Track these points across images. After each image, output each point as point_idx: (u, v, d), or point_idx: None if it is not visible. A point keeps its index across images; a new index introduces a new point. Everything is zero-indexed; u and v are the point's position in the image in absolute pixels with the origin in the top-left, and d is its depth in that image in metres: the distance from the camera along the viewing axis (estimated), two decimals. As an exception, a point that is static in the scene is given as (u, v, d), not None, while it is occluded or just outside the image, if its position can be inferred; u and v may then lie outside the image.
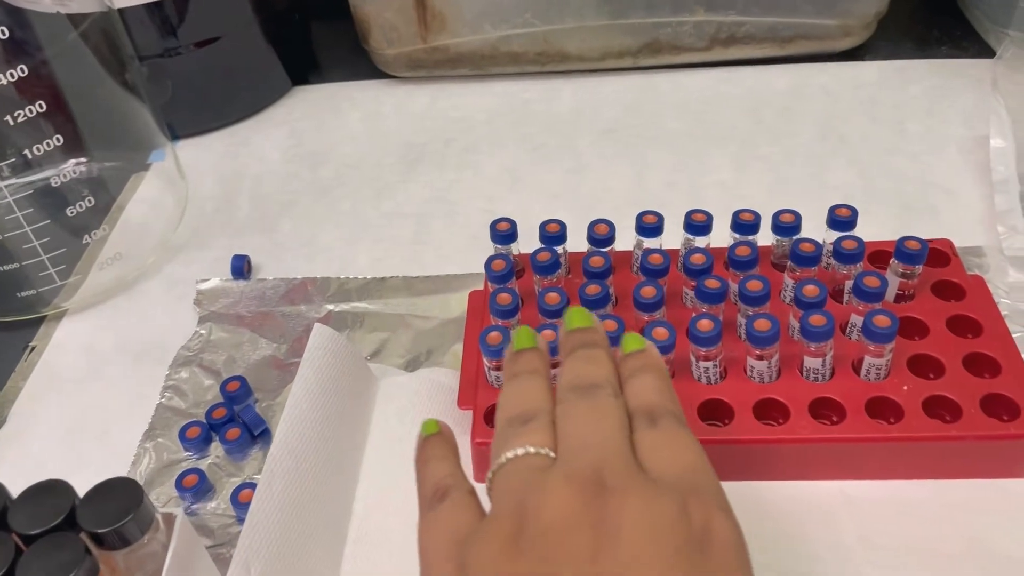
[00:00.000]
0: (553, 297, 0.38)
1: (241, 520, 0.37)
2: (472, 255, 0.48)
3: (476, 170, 0.55)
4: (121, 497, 0.28)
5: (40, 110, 0.41)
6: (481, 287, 0.44)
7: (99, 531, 0.28)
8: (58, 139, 0.42)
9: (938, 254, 0.42)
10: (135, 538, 0.28)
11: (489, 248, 0.43)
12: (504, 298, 0.39)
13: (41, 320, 0.48)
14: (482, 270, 0.42)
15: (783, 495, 0.36)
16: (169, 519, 0.30)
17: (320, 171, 0.56)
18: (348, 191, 0.55)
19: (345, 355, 0.40)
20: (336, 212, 0.53)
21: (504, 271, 0.40)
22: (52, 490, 0.29)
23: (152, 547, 0.29)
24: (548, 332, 0.37)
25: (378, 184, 0.55)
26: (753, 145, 0.54)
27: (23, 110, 0.40)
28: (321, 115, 0.61)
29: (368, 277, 0.48)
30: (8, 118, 0.40)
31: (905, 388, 0.36)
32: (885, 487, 0.36)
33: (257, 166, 0.57)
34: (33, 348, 0.46)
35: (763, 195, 0.50)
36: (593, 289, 0.39)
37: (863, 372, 0.37)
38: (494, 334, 0.37)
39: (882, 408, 0.36)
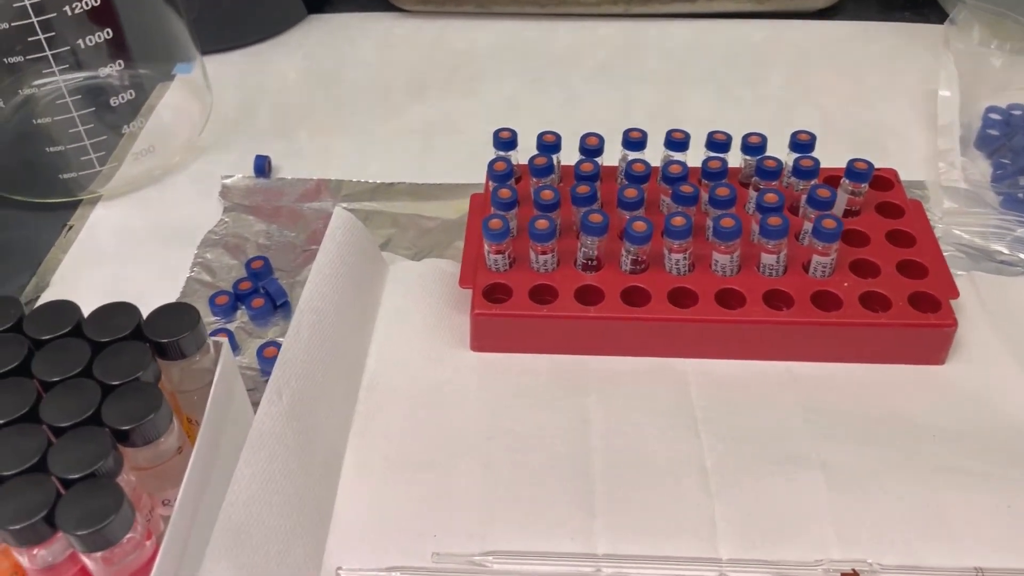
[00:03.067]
0: (547, 194, 0.44)
1: (265, 373, 0.43)
2: (473, 169, 0.53)
3: (479, 97, 0.60)
4: (180, 317, 0.33)
5: (95, 3, 0.45)
6: (481, 192, 0.50)
7: (162, 341, 0.33)
8: (108, 32, 0.46)
9: (883, 180, 0.48)
10: (191, 353, 0.33)
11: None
12: (505, 192, 0.44)
13: (77, 203, 0.52)
14: (481, 181, 0.48)
15: (739, 370, 0.42)
16: (217, 345, 0.35)
17: (333, 91, 0.61)
18: (360, 109, 0.59)
19: (361, 236, 0.45)
20: (348, 126, 0.58)
21: (505, 171, 0.46)
22: (121, 309, 0.34)
23: (204, 364, 0.34)
24: (542, 221, 0.42)
25: (387, 104, 0.60)
26: (728, 88, 0.60)
27: (80, 2, 0.45)
28: (334, 42, 0.66)
29: (377, 182, 0.53)
30: (67, 8, 0.45)
31: (846, 285, 0.42)
32: (824, 368, 0.42)
33: (275, 83, 0.62)
34: (71, 227, 0.51)
35: (735, 130, 0.56)
36: (583, 189, 0.44)
37: (811, 270, 0.43)
38: (495, 220, 0.42)
39: (826, 300, 0.42)
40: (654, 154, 0.47)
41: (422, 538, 0.35)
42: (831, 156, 0.49)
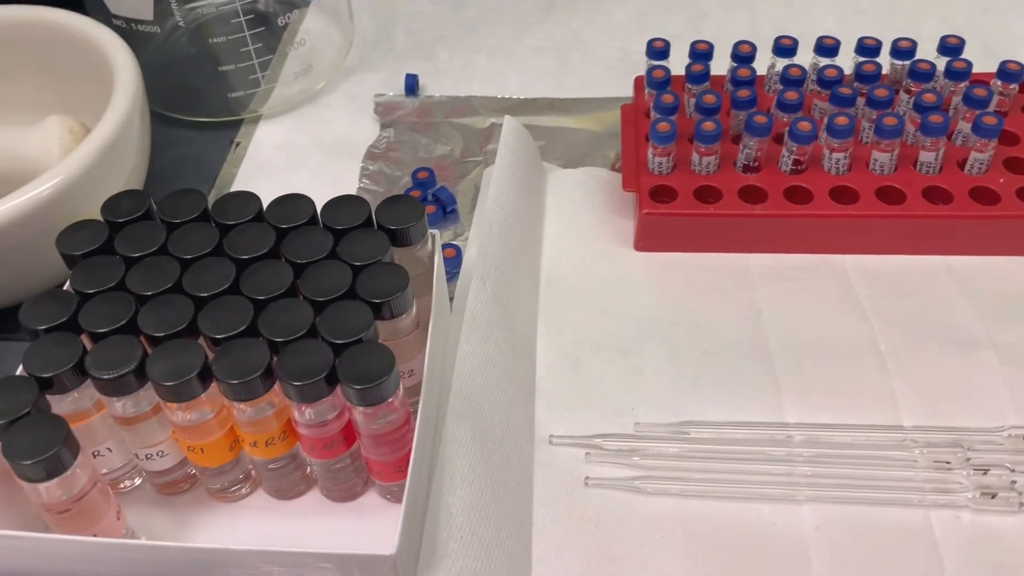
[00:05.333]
0: (710, 98, 0.46)
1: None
2: (608, 84, 0.56)
3: (607, 15, 0.62)
4: (406, 209, 0.36)
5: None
6: (630, 103, 0.52)
7: (394, 228, 0.35)
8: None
9: (1027, 84, 0.49)
10: (416, 240, 0.36)
11: (622, 81, 0.51)
12: (667, 98, 0.46)
13: (239, 122, 0.55)
14: (618, 94, 0.52)
15: (896, 264, 0.44)
16: (433, 236, 0.38)
17: (464, 13, 0.63)
18: (493, 30, 0.61)
19: (528, 143, 0.47)
20: (484, 46, 0.60)
21: (664, 79, 0.48)
22: (350, 201, 0.36)
23: (423, 252, 0.37)
24: (708, 123, 0.44)
25: (519, 24, 0.61)
26: (854, 2, 0.61)
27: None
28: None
29: (521, 97, 0.55)
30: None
31: (1002, 180, 0.44)
32: (978, 260, 0.44)
33: (406, 6, 0.64)
34: (238, 144, 0.54)
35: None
36: (743, 92, 0.46)
37: (967, 167, 0.44)
38: (663, 124, 0.44)
39: (983, 196, 0.44)
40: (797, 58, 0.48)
41: (621, 411, 0.38)
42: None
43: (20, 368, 0.32)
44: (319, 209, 0.36)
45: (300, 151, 0.53)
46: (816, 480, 0.35)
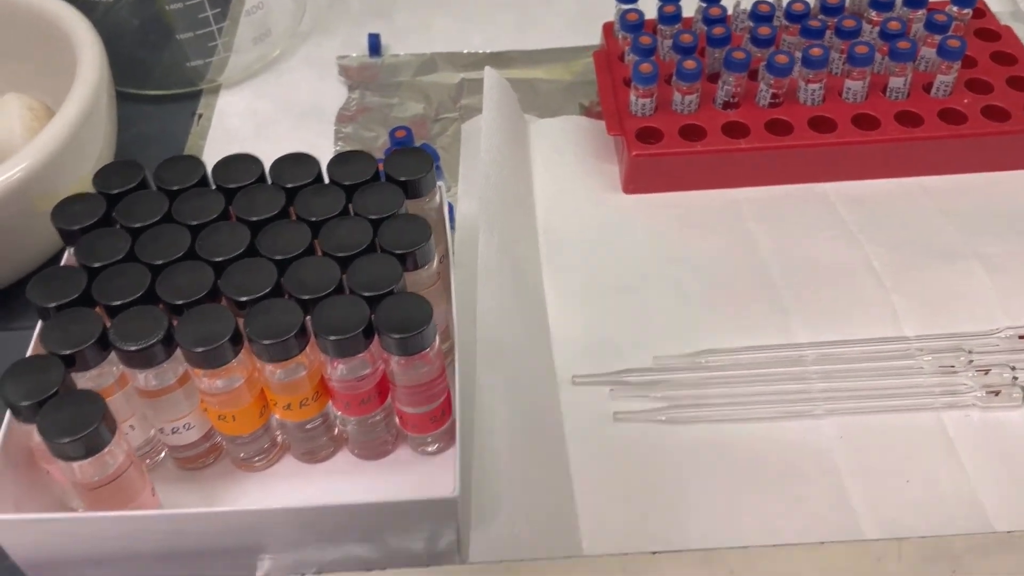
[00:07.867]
0: (687, 37, 0.46)
1: (439, 227, 0.45)
2: (573, 35, 0.56)
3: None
4: (415, 161, 0.35)
5: None
6: (601, 49, 0.52)
7: (405, 180, 0.35)
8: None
9: (976, 10, 0.51)
10: (426, 191, 0.36)
11: (586, 29, 0.51)
12: (645, 40, 0.46)
13: (198, 94, 0.53)
14: (584, 43, 0.51)
15: (875, 188, 0.46)
16: (439, 187, 0.37)
17: (418, -31, 0.62)
18: (450, -15, 0.60)
19: (509, 95, 0.47)
20: (444, 3, 0.59)
21: (638, 21, 0.48)
22: (357, 156, 0.36)
23: (432, 203, 0.37)
24: (689, 62, 0.45)
25: (476, -23, 0.61)
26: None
27: None
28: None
29: (488, 52, 0.55)
30: None
31: (966, 101, 0.46)
32: (951, 179, 0.46)
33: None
34: (201, 115, 0.52)
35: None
36: (719, 30, 0.47)
37: (934, 90, 0.46)
38: (646, 65, 0.45)
39: (951, 116, 0.46)
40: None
41: (637, 348, 0.39)
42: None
43: (31, 349, 0.31)
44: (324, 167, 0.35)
45: (267, 119, 0.51)
46: (832, 394, 0.37)
